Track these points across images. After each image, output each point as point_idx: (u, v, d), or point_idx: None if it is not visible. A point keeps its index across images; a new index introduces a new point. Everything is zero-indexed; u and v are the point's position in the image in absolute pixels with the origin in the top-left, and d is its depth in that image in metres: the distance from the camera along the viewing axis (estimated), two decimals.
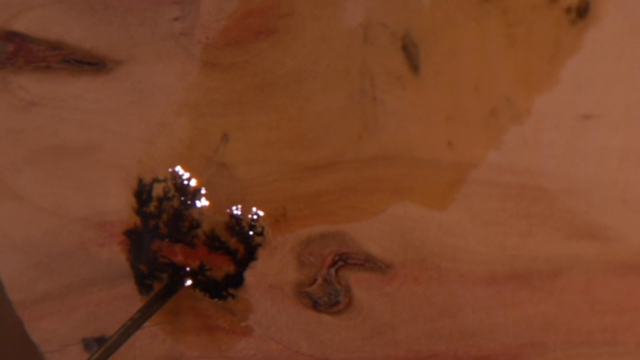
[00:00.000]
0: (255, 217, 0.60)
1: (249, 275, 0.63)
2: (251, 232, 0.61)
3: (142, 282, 0.67)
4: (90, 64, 0.62)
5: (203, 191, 0.61)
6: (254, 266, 0.63)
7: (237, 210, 0.62)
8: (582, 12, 0.48)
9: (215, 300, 0.65)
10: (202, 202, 0.61)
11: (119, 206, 0.65)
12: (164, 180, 0.63)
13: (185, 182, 0.61)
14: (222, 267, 0.64)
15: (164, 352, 0.68)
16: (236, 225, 0.62)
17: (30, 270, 0.69)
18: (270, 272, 0.62)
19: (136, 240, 0.66)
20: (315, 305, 0.61)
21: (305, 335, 0.62)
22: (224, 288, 0.64)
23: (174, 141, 0.62)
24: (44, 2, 0.61)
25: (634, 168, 0.49)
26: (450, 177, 0.54)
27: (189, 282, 0.65)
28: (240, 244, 0.62)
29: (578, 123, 0.50)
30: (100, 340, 0.70)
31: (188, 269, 0.65)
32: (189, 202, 0.61)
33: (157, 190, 0.64)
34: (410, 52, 0.53)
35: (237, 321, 0.65)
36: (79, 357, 0.71)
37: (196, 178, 0.61)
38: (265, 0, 0.56)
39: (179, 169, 0.61)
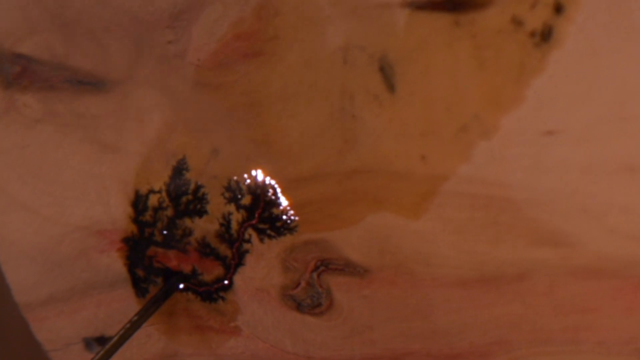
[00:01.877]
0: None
1: (237, 279, 0.62)
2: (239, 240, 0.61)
3: (139, 285, 0.66)
4: (90, 83, 0.62)
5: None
6: (242, 271, 0.62)
7: (226, 219, 0.61)
8: (545, 36, 0.48)
9: (207, 302, 0.64)
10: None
11: (118, 215, 0.65)
12: (159, 192, 0.63)
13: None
14: (212, 272, 0.63)
15: (159, 351, 0.68)
16: (226, 233, 0.61)
17: (35, 275, 0.69)
18: (257, 277, 0.62)
19: (133, 247, 0.65)
20: (299, 307, 0.61)
21: (289, 334, 0.62)
22: (214, 291, 0.63)
23: (168, 155, 0.62)
24: (48, 26, 0.61)
25: (594, 180, 0.49)
26: (424, 189, 0.54)
27: (182, 286, 0.65)
28: (229, 251, 0.62)
29: (542, 138, 0.50)
30: (100, 340, 0.69)
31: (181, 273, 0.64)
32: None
33: (153, 200, 0.63)
34: (386, 73, 0.53)
35: (227, 322, 0.64)
36: (81, 355, 0.71)
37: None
38: (252, 25, 0.56)
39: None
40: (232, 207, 0.61)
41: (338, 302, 0.59)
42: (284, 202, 0.59)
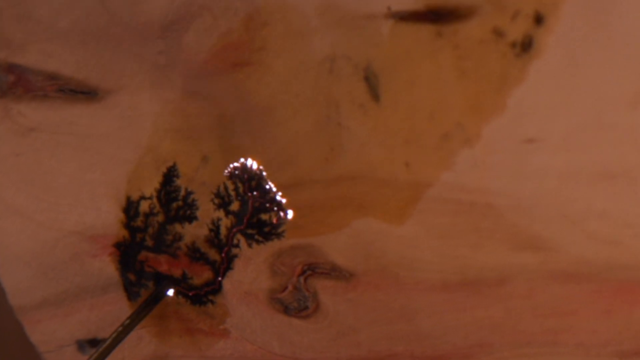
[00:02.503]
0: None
1: (226, 283, 0.62)
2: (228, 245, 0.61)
3: (130, 289, 0.66)
4: (83, 92, 0.61)
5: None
6: (231, 275, 0.61)
7: (215, 224, 0.61)
8: (526, 47, 0.48)
9: (196, 305, 0.64)
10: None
11: (110, 221, 0.64)
12: (150, 198, 0.62)
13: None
14: (202, 276, 0.63)
15: (150, 353, 0.67)
16: (215, 238, 0.61)
17: (30, 279, 0.68)
18: (246, 281, 0.61)
19: (125, 252, 0.65)
20: (286, 310, 0.60)
21: (277, 337, 0.62)
22: (203, 294, 0.63)
23: (159, 162, 0.61)
24: (42, 37, 0.61)
25: (572, 186, 0.49)
26: (408, 195, 0.53)
27: (172, 290, 0.64)
28: (218, 255, 0.61)
29: (522, 146, 0.49)
30: (92, 342, 0.69)
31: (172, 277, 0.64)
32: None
33: (144, 206, 0.63)
34: (371, 83, 0.52)
35: (216, 324, 0.64)
36: (74, 356, 0.70)
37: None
38: (241, 36, 0.55)
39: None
40: (221, 213, 0.60)
41: (324, 305, 0.59)
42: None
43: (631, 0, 0.45)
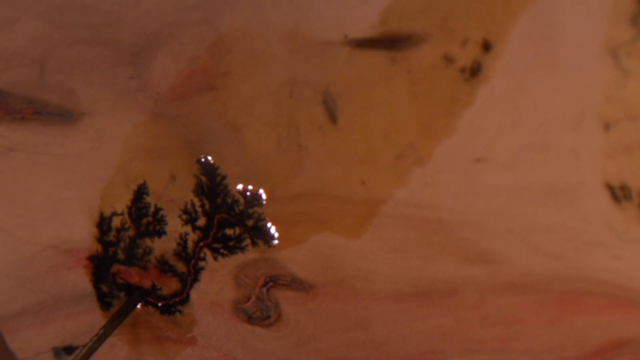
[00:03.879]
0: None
1: (193, 294, 0.60)
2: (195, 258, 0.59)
3: (103, 299, 0.64)
4: (59, 115, 0.60)
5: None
6: (197, 286, 0.60)
7: (183, 239, 0.59)
8: (474, 72, 0.47)
9: (165, 315, 0.62)
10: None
11: (84, 236, 0.63)
12: (121, 214, 0.61)
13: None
14: (170, 287, 0.61)
15: (122, 359, 0.65)
16: (182, 251, 0.59)
17: (9, 290, 0.66)
18: (212, 291, 0.60)
19: (98, 265, 0.63)
20: (250, 319, 0.59)
21: (241, 344, 0.60)
22: (172, 305, 0.61)
23: (130, 180, 0.60)
24: (20, 63, 0.59)
25: (518, 203, 0.48)
26: (364, 211, 0.53)
27: (143, 300, 0.63)
28: (186, 268, 0.60)
29: (471, 165, 0.49)
30: (68, 349, 0.67)
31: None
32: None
33: (116, 222, 0.61)
34: (329, 106, 0.52)
35: (184, 332, 0.62)
36: None
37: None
38: (206, 62, 0.55)
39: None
40: (188, 228, 0.59)
41: (285, 314, 0.58)
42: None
43: (573, 29, 0.44)
